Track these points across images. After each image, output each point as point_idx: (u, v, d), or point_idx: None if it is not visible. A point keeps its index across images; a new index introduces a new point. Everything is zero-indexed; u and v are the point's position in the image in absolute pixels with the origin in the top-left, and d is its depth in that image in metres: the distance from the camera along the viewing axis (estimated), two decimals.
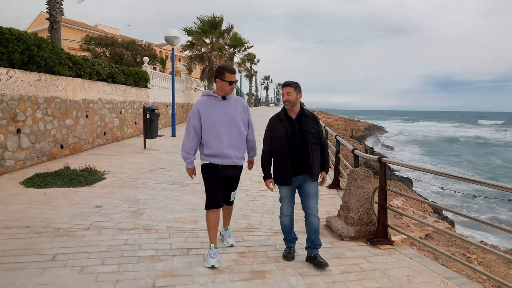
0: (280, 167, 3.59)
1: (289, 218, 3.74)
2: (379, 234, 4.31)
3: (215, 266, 3.50)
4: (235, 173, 3.68)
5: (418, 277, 3.45)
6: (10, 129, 7.14)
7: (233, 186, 3.80)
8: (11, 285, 2.98)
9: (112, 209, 5.17)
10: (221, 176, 3.60)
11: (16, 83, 7.31)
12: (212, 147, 3.51)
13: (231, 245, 4.02)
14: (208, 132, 3.51)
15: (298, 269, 3.51)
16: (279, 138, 3.55)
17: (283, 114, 3.64)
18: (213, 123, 3.49)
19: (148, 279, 3.19)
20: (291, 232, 3.83)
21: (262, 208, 5.59)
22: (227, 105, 3.58)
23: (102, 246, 3.89)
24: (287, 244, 3.86)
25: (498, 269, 7.00)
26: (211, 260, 3.52)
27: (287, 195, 3.67)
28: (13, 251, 3.65)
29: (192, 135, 3.55)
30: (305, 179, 3.62)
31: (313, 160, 3.55)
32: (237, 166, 3.66)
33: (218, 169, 3.56)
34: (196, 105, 3.58)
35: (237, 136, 3.59)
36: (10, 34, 7.05)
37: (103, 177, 7.05)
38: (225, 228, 4.11)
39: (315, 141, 3.60)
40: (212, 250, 3.59)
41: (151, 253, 3.75)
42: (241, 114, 3.65)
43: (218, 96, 3.58)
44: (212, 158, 3.55)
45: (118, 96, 12.52)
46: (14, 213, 4.80)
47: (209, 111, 3.52)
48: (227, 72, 3.51)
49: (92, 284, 3.07)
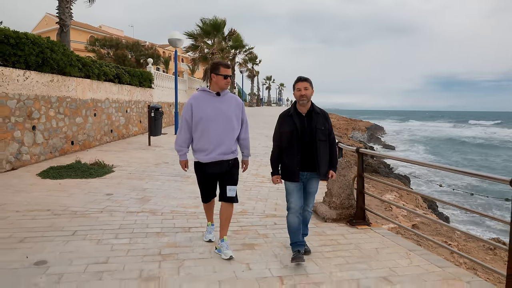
0: (288, 163, 3.54)
1: (298, 214, 3.57)
2: (357, 216, 4.89)
3: (212, 240, 3.97)
4: (221, 169, 3.63)
5: (385, 249, 4.02)
6: (26, 126, 7.76)
7: (228, 180, 3.66)
8: (41, 253, 3.57)
9: (122, 197, 5.77)
10: (209, 173, 3.66)
11: (31, 83, 7.93)
12: (200, 141, 3.57)
13: (230, 256, 3.54)
14: (197, 127, 3.56)
15: (283, 243, 4.08)
16: (288, 133, 3.51)
17: (293, 110, 3.60)
18: (203, 118, 3.53)
19: (155, 249, 3.78)
20: (299, 234, 3.60)
21: (256, 196, 6.16)
22: (221, 101, 3.61)
23: (114, 225, 4.48)
24: (294, 248, 3.56)
25: (477, 255, 7.54)
26: (208, 235, 4.02)
27: (294, 188, 3.58)
28: (38, 228, 4.25)
29: (185, 129, 3.61)
30: (311, 176, 3.61)
31: (321, 157, 3.52)
32: (223, 161, 3.61)
33: (203, 166, 3.62)
34: (190, 100, 3.63)
35: (229, 133, 3.60)
36: (26, 38, 7.66)
37: (112, 170, 7.66)
38: (221, 239, 3.68)
39: (324, 138, 3.56)
40: (209, 227, 4.06)
41: (157, 230, 4.35)
42: (235, 111, 3.67)
43: (213, 92, 3.62)
44: (198, 154, 3.62)
45: (124, 96, 13.14)
46: (35, 199, 5.41)
47: (202, 106, 3.56)
48: (222, 67, 3.56)
49: (108, 252, 3.66)
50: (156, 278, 3.14)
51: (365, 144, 35.83)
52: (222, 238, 3.68)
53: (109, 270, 3.26)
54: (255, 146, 12.02)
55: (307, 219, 3.85)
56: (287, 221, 3.63)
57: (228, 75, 3.61)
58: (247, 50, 30.64)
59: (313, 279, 3.24)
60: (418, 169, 26.41)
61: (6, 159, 7.20)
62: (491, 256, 7.69)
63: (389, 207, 10.00)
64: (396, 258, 3.79)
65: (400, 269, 3.51)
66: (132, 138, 13.35)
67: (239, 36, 26.33)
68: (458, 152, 41.55)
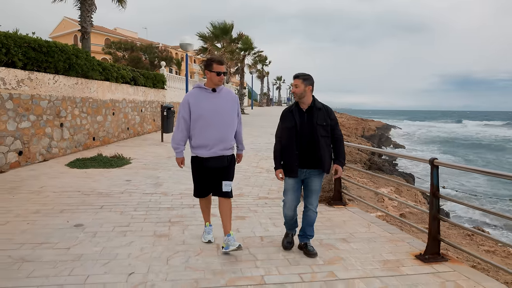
0: (287, 158, 3.60)
1: (292, 211, 3.75)
2: (334, 198, 5.81)
3: (211, 240, 3.92)
4: (222, 164, 3.65)
5: (351, 221, 4.95)
6: (55, 123, 8.89)
7: (225, 175, 3.69)
8: (78, 219, 4.61)
9: (138, 182, 6.81)
10: (208, 168, 3.65)
11: (60, 86, 9.05)
12: (200, 138, 3.58)
13: (238, 246, 3.51)
14: (196, 124, 3.57)
15: (268, 215, 5.04)
16: (288, 129, 3.57)
17: (294, 106, 3.66)
18: (202, 115, 3.54)
19: (165, 218, 4.78)
20: (293, 223, 3.89)
21: (254, 184, 7.12)
22: (217, 97, 3.63)
23: (133, 202, 5.51)
24: (287, 228, 3.92)
25: (455, 239, 8.37)
26: (207, 236, 3.95)
27: (291, 187, 3.67)
28: (73, 204, 5.30)
29: (182, 126, 3.63)
30: (312, 173, 3.63)
31: (322, 153, 3.53)
32: (223, 156, 3.64)
33: (204, 161, 3.63)
34: (186, 97, 3.63)
35: (227, 128, 3.63)
36: (55, 47, 8.78)
37: (129, 162, 8.73)
38: (228, 234, 3.65)
39: (325, 134, 3.56)
40: (207, 227, 4.00)
41: (167, 206, 5.35)
42: (232, 106, 3.70)
43: (209, 88, 3.63)
44: (198, 150, 3.62)
45: (139, 97, 14.26)
46: (67, 184, 6.48)
47: (199, 102, 3.57)
48: (215, 63, 3.54)
49: (129, 219, 4.68)
50: (166, 235, 4.14)
51: (372, 143, 36.48)
52: (228, 233, 3.65)
53: (130, 230, 4.28)
54: (259, 143, 13.01)
55: (312, 219, 3.75)
56: (283, 212, 3.86)
57: (221, 71, 3.57)
58: (256, 52, 31.66)
59: None
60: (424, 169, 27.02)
61: (39, 151, 8.32)
62: (468, 240, 8.49)
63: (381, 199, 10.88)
64: (357, 227, 4.72)
65: (357, 234, 4.43)
66: (147, 135, 14.47)
67: (248, 38, 27.34)
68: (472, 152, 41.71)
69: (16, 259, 3.40)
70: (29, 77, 7.96)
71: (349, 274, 3.26)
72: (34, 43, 8.03)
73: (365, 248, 3.95)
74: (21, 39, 7.72)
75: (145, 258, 3.52)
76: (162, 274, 3.19)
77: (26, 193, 5.79)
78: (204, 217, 4.05)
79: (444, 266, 3.52)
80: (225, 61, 3.74)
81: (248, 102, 45.03)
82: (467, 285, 3.15)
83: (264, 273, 3.28)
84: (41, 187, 6.18)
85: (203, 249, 3.77)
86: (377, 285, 3.11)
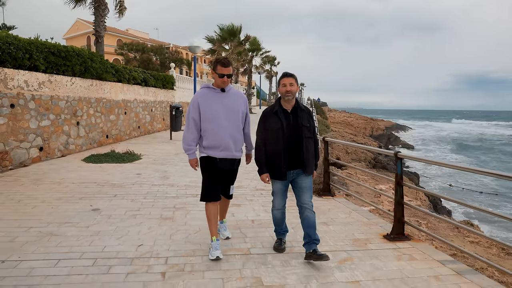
0: (274, 162, 3.50)
1: (281, 212, 3.73)
2: (324, 189, 6.42)
3: (220, 257, 3.50)
4: (233, 166, 3.65)
5: (335, 209, 5.55)
6: (72, 122, 9.65)
7: (232, 179, 3.80)
8: (95, 205, 5.30)
9: (148, 175, 7.50)
10: (219, 169, 3.59)
11: (76, 87, 9.82)
12: (211, 138, 3.52)
13: (226, 237, 4.01)
14: (207, 124, 3.52)
15: (262, 204, 5.67)
16: (274, 131, 3.47)
17: (277, 107, 3.54)
18: (212, 115, 3.50)
19: (171, 204, 5.45)
20: (283, 225, 3.83)
21: (253, 178, 7.75)
22: (226, 97, 3.59)
23: (143, 191, 6.19)
24: (277, 236, 3.89)
25: (444, 231, 8.90)
26: (214, 252, 3.52)
27: (280, 190, 3.63)
28: (90, 192, 6.01)
29: (192, 127, 3.56)
30: (298, 173, 3.57)
31: (307, 154, 3.50)
32: (235, 159, 3.63)
33: (217, 162, 3.55)
34: (196, 97, 3.59)
35: (237, 128, 3.60)
36: (73, 51, 9.53)
37: (140, 157, 9.45)
38: (221, 221, 4.09)
39: (310, 135, 3.54)
40: (214, 243, 3.57)
41: (173, 195, 6.02)
42: (241, 106, 3.64)
43: (217, 88, 3.58)
44: (210, 151, 3.54)
45: (150, 97, 15.02)
46: (84, 176, 7.20)
47: (209, 103, 3.52)
48: (219, 65, 3.51)
49: (139, 205, 5.36)
50: (171, 218, 4.81)
51: (379, 142, 36.87)
52: (222, 220, 4.07)
53: (140, 214, 4.96)
54: None
55: (312, 220, 3.53)
56: (272, 215, 3.83)
57: (223, 74, 3.51)
58: (264, 53, 32.32)
59: None
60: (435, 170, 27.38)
61: (58, 148, 9.09)
62: (455, 233, 8.99)
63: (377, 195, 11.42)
64: (339, 213, 5.32)
65: (338, 219, 5.04)
66: (156, 134, 15.23)
67: (256, 40, 27.99)
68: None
69: (45, 234, 4.10)
70: (49, 80, 8.72)
71: (322, 248, 3.87)
72: (53, 48, 8.79)
73: (341, 230, 4.57)
74: (42, 45, 8.48)
75: (152, 234, 4.19)
76: (165, 246, 3.86)
77: (48, 183, 6.52)
78: (211, 228, 3.66)
79: (405, 244, 4.12)
80: (231, 62, 3.63)
81: (257, 101, 45.71)
82: (420, 258, 3.75)
83: (250, 246, 3.92)
84: (61, 178, 6.91)
85: (202, 229, 4.41)
86: (342, 256, 3.72)
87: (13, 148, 7.60)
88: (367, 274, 3.35)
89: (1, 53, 7.21)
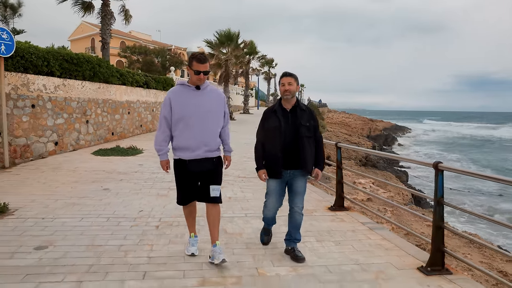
0: (271, 160, 3.50)
1: (272, 213, 3.73)
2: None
3: (194, 253, 3.57)
4: (206, 167, 3.39)
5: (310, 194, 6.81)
6: (82, 120, 10.96)
7: (212, 179, 3.45)
8: (104, 185, 6.60)
9: (148, 166, 8.80)
10: (192, 171, 3.39)
11: (86, 90, 11.14)
12: (180, 139, 3.35)
13: (222, 260, 3.32)
14: (178, 124, 3.33)
15: (240, 187, 6.94)
16: (272, 130, 3.45)
17: (277, 106, 3.54)
18: (183, 114, 3.31)
19: (167, 186, 6.74)
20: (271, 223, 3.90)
21: (238, 168, 9.01)
22: (201, 95, 3.37)
23: (144, 177, 7.49)
24: (265, 224, 3.92)
25: (408, 219, 10.09)
26: (190, 248, 3.60)
27: (274, 189, 3.59)
28: (100, 178, 7.31)
29: (164, 126, 3.39)
30: (295, 174, 3.54)
31: (306, 153, 3.45)
32: (207, 158, 3.39)
33: (186, 164, 3.37)
34: (168, 95, 3.38)
35: (210, 128, 3.39)
36: (83, 58, 10.85)
37: (142, 152, 10.76)
38: (214, 244, 3.48)
39: (309, 134, 3.48)
40: (191, 239, 3.65)
41: (169, 180, 7.28)
42: (217, 105, 3.44)
43: (192, 86, 3.37)
44: (180, 152, 3.39)
45: (151, 98, 16.34)
46: (94, 166, 8.51)
47: (181, 101, 3.33)
48: (195, 61, 3.26)
49: (140, 187, 6.65)
50: (166, 195, 6.11)
51: (373, 142, 38.03)
52: (214, 243, 3.47)
53: (141, 192, 6.26)
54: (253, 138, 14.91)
55: (298, 222, 3.63)
56: (263, 213, 3.81)
57: (199, 70, 3.27)
58: (260, 56, 33.67)
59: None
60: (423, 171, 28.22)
61: (70, 143, 10.40)
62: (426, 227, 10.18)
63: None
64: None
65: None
66: None
67: (253, 44, 29.32)
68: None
69: (70, 204, 5.40)
70: (63, 83, 10.04)
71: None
72: (67, 56, 10.10)
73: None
74: (58, 53, 9.79)
75: (150, 205, 5.49)
76: (160, 211, 5.16)
77: (65, 171, 7.83)
78: (189, 227, 3.73)
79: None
80: (208, 58, 3.40)
81: (255, 102, 47.00)
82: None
83: (223, 212, 5.20)
84: (75, 167, 8.22)
85: None
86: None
87: (33, 142, 8.91)
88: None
89: (25, 62, 8.53)
